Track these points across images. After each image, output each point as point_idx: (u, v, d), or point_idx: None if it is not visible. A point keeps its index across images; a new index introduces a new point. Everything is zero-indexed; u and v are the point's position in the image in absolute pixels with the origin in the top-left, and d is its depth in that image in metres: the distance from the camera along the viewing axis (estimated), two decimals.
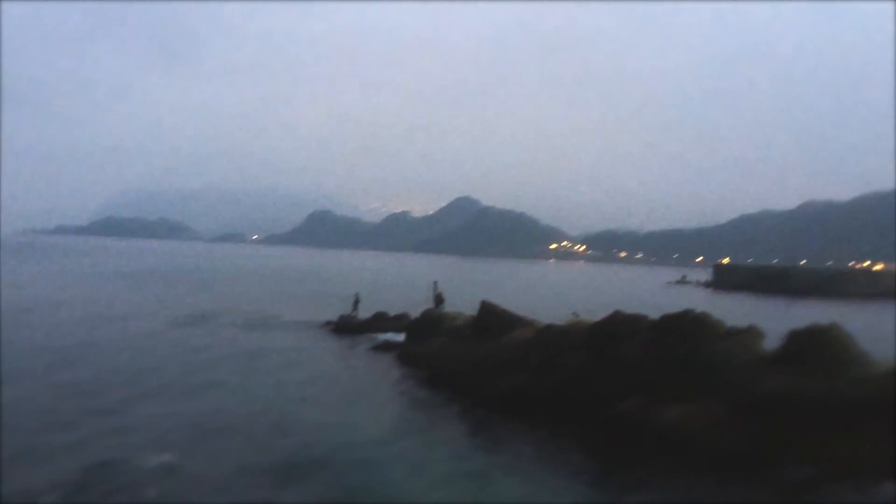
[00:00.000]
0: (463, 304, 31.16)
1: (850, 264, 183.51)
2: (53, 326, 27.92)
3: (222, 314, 35.70)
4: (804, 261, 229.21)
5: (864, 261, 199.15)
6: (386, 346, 26.16)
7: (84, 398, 15.71)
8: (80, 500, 9.93)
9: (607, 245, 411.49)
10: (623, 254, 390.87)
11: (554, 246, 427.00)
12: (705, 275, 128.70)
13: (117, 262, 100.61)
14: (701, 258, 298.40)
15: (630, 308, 19.52)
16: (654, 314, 18.27)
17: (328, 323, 32.62)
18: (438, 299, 29.65)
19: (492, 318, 22.16)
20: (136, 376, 18.54)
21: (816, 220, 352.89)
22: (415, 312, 30.24)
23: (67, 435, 12.83)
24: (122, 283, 57.32)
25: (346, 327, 31.28)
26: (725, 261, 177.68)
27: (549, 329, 19.16)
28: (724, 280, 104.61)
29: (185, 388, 17.45)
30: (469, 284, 78.63)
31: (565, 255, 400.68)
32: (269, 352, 24.24)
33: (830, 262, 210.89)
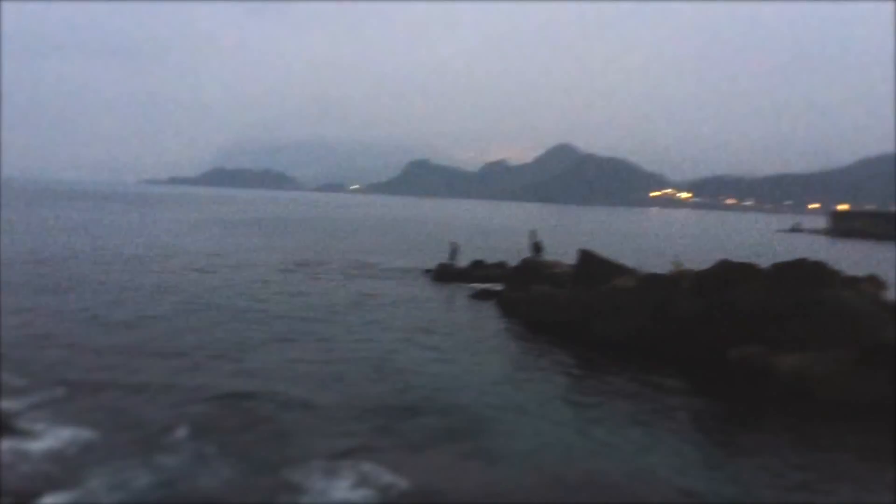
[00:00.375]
0: (562, 252, 30.87)
1: None
2: (174, 273, 29.69)
3: (326, 262, 36.91)
4: None
5: None
6: (485, 294, 26.32)
7: (206, 343, 16.63)
8: (213, 432, 10.41)
9: (714, 191, 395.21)
10: (731, 200, 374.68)
11: (656, 193, 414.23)
12: (821, 222, 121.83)
13: (225, 212, 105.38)
14: (817, 204, 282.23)
15: (739, 257, 18.79)
16: (765, 263, 17.54)
17: (427, 271, 33.12)
18: (537, 248, 29.54)
19: (592, 267, 21.87)
20: (252, 323, 19.49)
21: None
22: (513, 261, 30.25)
23: (194, 376, 13.65)
24: (230, 232, 60.11)
25: (445, 275, 31.66)
26: (843, 207, 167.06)
27: (654, 277, 18.76)
28: (842, 227, 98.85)
29: (296, 334, 18.25)
30: (568, 233, 77.70)
31: (669, 203, 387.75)
32: (372, 299, 24.92)
33: None
